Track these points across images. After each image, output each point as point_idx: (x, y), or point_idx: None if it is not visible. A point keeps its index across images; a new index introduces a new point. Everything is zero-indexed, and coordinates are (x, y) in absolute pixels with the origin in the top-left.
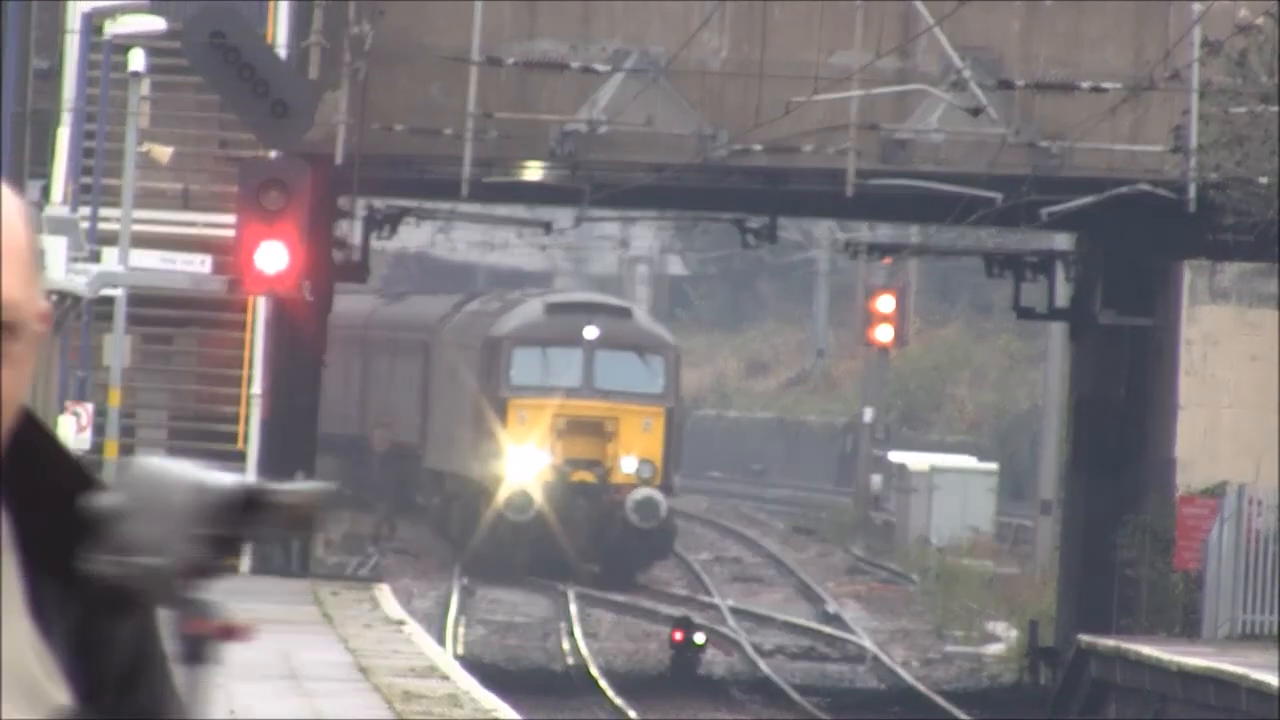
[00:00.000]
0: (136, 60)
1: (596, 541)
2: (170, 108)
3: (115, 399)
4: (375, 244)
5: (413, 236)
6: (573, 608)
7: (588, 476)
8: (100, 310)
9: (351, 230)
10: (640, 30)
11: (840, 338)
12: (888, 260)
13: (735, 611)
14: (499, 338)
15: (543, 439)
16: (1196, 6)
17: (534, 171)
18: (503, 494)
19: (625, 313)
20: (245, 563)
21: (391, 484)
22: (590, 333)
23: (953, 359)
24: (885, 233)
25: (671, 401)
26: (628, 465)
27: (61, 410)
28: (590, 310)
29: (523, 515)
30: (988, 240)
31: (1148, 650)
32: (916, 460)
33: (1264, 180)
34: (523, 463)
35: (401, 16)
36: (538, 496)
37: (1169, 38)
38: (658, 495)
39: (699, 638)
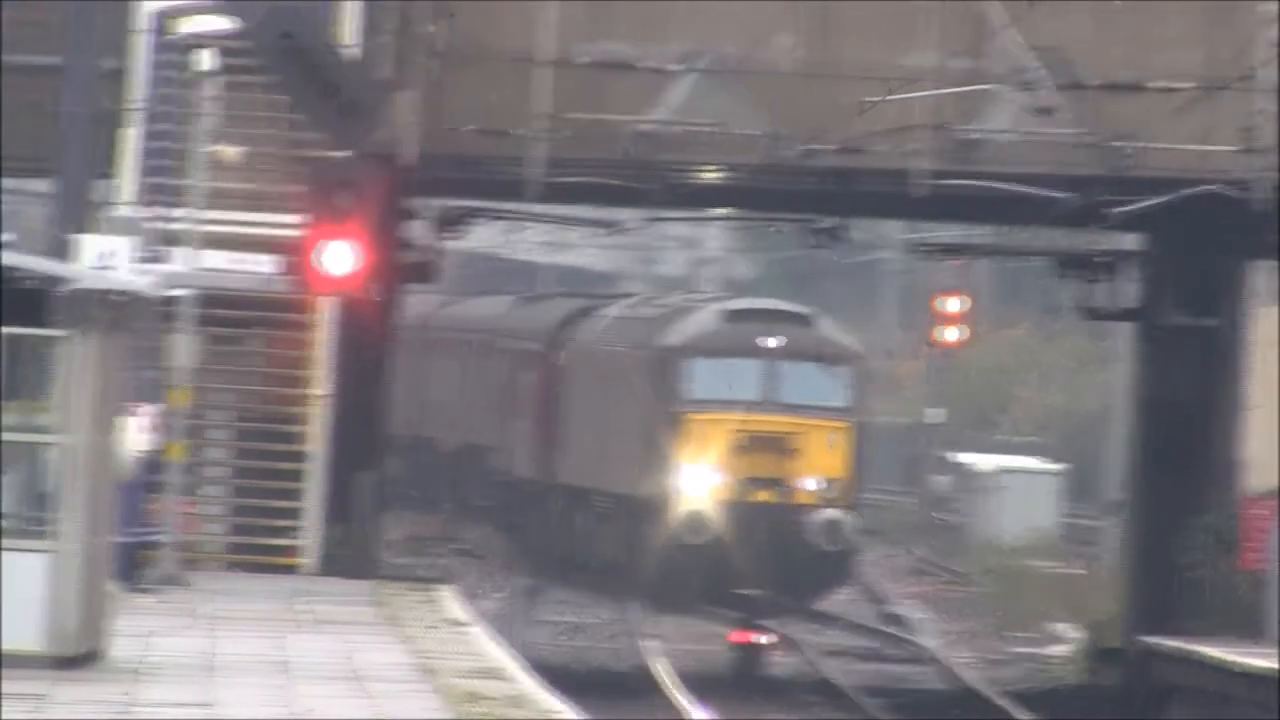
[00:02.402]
0: (205, 60)
1: (776, 565)
2: (238, 108)
3: (182, 399)
4: (444, 244)
5: (482, 237)
6: (637, 609)
7: (768, 496)
8: (167, 311)
9: (420, 231)
10: (711, 30)
11: (908, 339)
12: (957, 261)
13: (798, 612)
14: (672, 347)
15: (720, 456)
16: (1271, 6)
17: (603, 173)
18: (678, 515)
19: (807, 320)
20: (310, 563)
21: (457, 485)
22: (771, 342)
23: (1020, 360)
24: (955, 233)
25: (857, 415)
26: (810, 484)
27: (129, 411)
28: (770, 318)
29: (700, 538)
30: (1056, 241)
31: (1211, 651)
32: (983, 461)
33: None
34: (699, 482)
35: (469, 17)
36: (715, 518)
37: (1241, 37)
38: (843, 516)
39: (762, 639)
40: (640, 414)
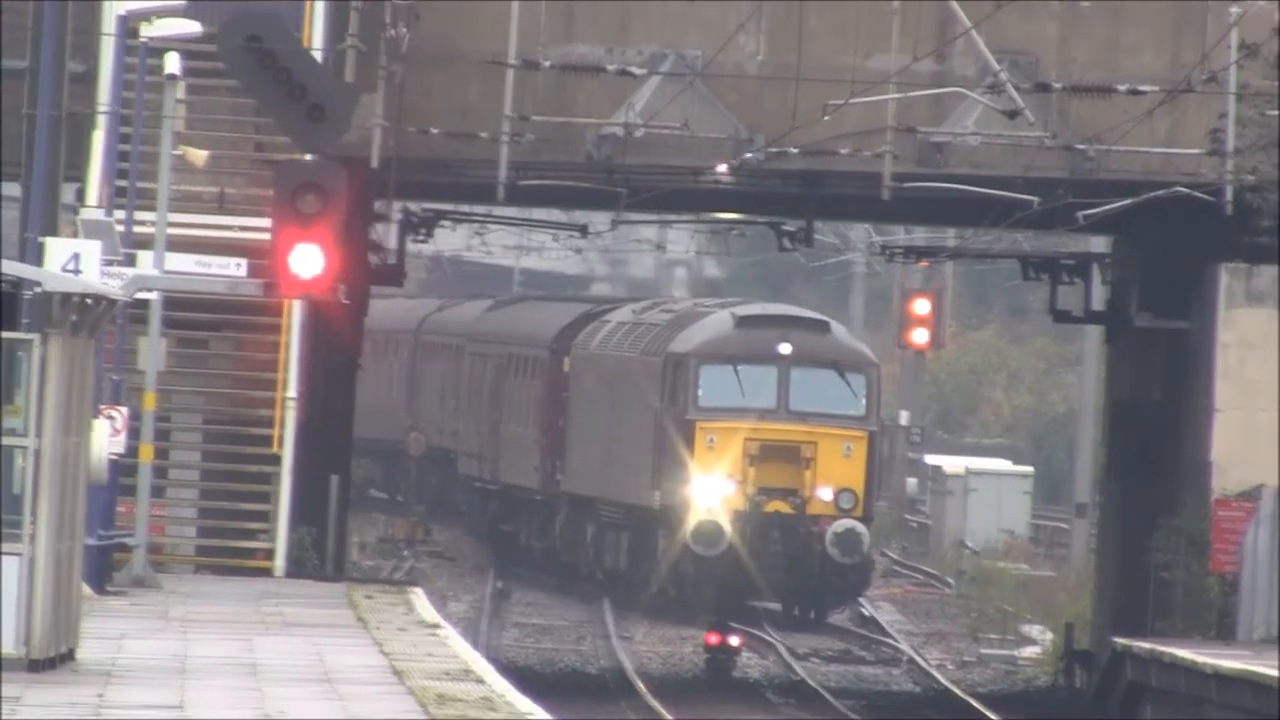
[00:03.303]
0: (172, 63)
1: (791, 577)
2: (205, 111)
3: (150, 402)
4: (411, 247)
5: (448, 240)
6: (608, 611)
7: (783, 506)
8: (135, 314)
9: (387, 234)
10: (677, 33)
11: (876, 341)
12: (924, 263)
13: (770, 614)
14: (684, 354)
15: (733, 465)
16: (1234, 9)
17: (570, 175)
18: (690, 525)
19: (823, 326)
20: (279, 565)
21: (428, 487)
22: (785, 349)
23: (988, 362)
24: (922, 236)
25: (874, 424)
26: (825, 494)
27: (96, 414)
28: (784, 324)
29: (713, 549)
30: (1024, 243)
31: (1183, 653)
32: (952, 463)
33: None
34: (711, 491)
35: (437, 20)
36: (728, 528)
37: (1206, 41)
38: (860, 527)
39: (734, 641)
40: (650, 422)
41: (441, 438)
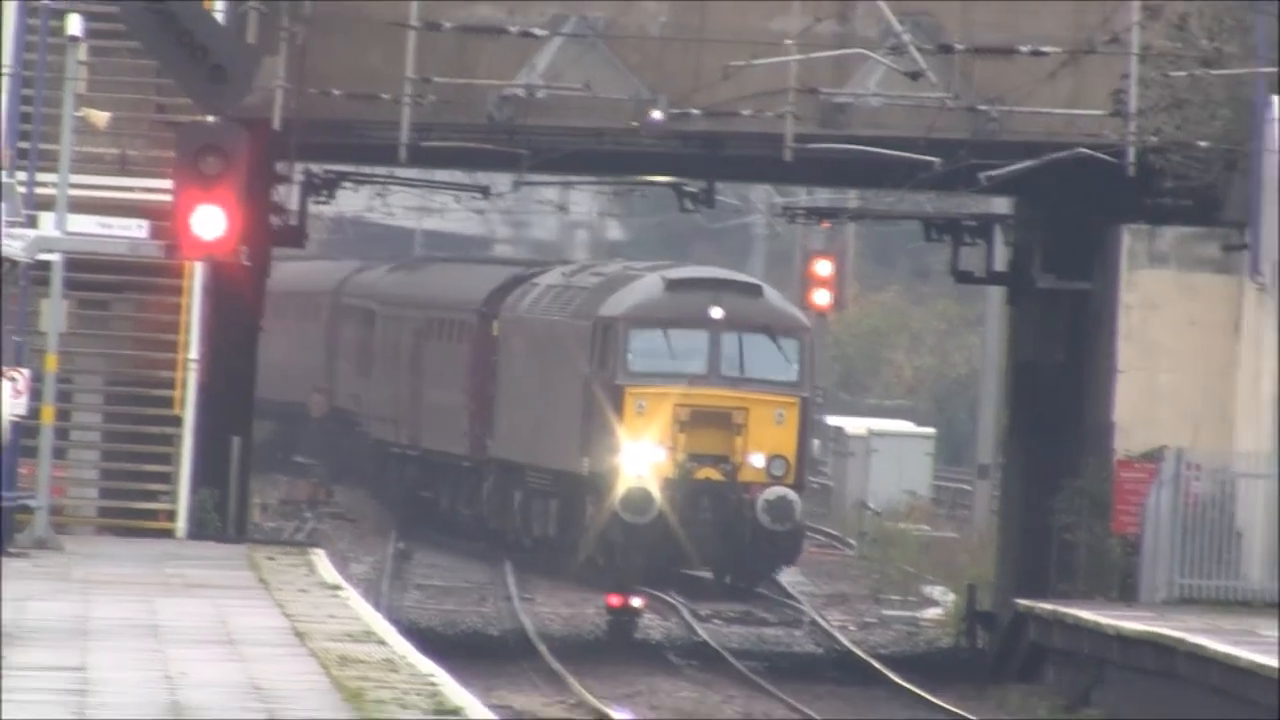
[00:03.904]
0: (74, 25)
1: (722, 545)
2: (107, 72)
3: (52, 364)
4: (312, 209)
5: (350, 201)
6: (509, 572)
7: (714, 474)
8: (37, 275)
9: (289, 196)
10: None
11: None
12: (826, 224)
13: (672, 576)
14: (613, 318)
15: (663, 431)
16: None
17: (472, 137)
18: (619, 493)
19: (755, 290)
20: (181, 527)
21: (328, 448)
22: (716, 313)
23: (891, 323)
24: (823, 197)
25: (807, 390)
26: (757, 461)
27: None
28: (715, 287)
29: (642, 516)
30: (926, 205)
31: (1085, 614)
32: (854, 425)
33: (1203, 144)
34: (640, 458)
35: None
36: (658, 495)
37: (1108, 2)
38: (792, 495)
39: (636, 602)
40: (579, 387)
41: (356, 401)
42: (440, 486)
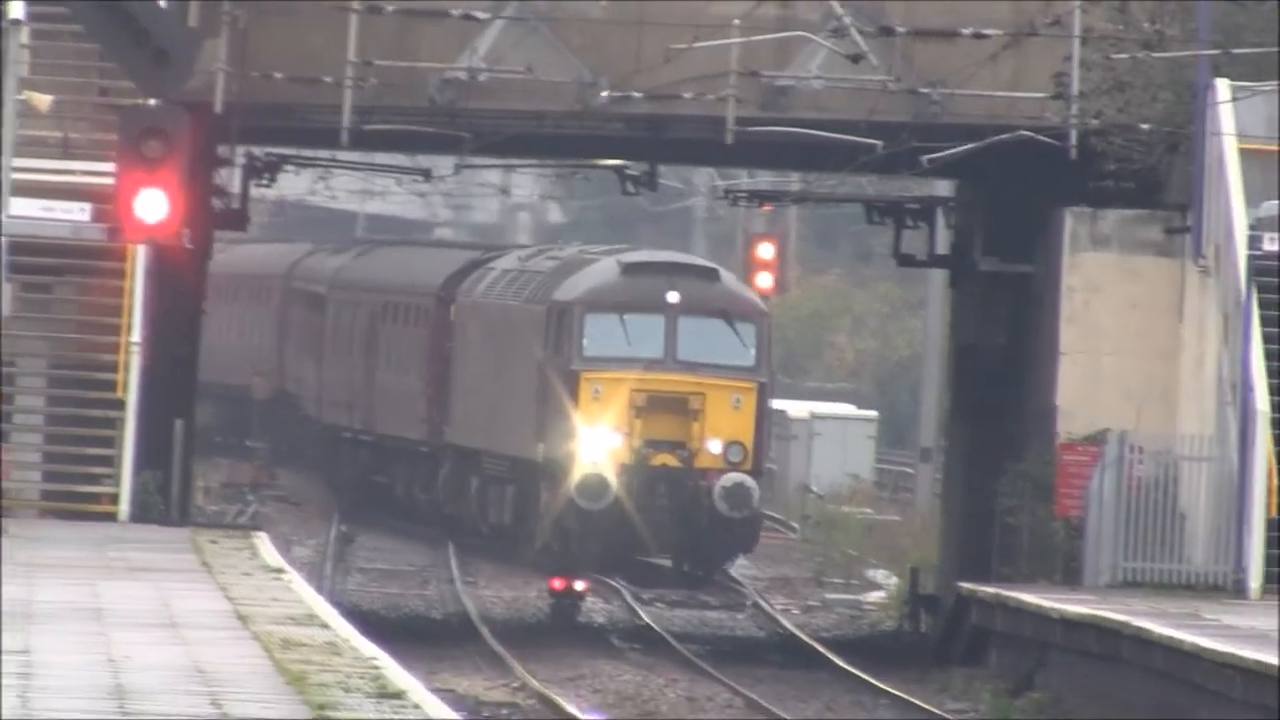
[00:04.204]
0: (16, 9)
1: (679, 532)
2: (50, 56)
3: None
4: (254, 192)
5: (292, 185)
6: (452, 556)
7: (670, 460)
8: None
9: (231, 179)
10: None
11: None
12: (767, 207)
13: (626, 563)
14: (568, 302)
15: (619, 417)
16: None
17: (414, 120)
18: (574, 479)
19: (712, 274)
20: (124, 510)
21: (272, 431)
22: (673, 297)
23: (832, 306)
24: (765, 180)
25: (764, 376)
26: (714, 447)
27: None
28: (672, 271)
29: (597, 503)
30: (868, 187)
31: (1028, 598)
32: (796, 408)
33: (1145, 127)
34: (596, 444)
35: None
36: (613, 482)
37: None
38: (749, 481)
39: (579, 585)
40: (534, 372)
41: (306, 385)
42: (395, 471)
